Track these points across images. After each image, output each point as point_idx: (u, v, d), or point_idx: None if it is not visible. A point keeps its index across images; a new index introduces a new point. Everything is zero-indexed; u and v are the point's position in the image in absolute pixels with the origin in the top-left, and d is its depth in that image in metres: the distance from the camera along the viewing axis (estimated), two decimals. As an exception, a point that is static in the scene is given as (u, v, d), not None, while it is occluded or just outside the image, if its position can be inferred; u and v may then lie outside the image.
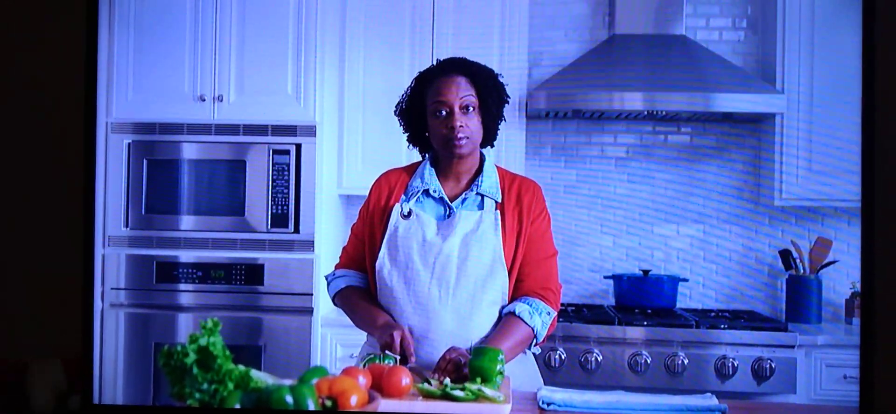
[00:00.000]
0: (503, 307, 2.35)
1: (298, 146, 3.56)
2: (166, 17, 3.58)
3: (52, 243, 3.06)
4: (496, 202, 2.38)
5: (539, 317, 2.33)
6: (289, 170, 3.56)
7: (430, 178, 2.41)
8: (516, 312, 2.31)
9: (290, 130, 3.57)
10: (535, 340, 2.35)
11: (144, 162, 3.59)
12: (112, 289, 3.58)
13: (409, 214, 2.38)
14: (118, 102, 3.60)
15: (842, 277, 3.82)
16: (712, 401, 2.14)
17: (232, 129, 3.59)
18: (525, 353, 2.39)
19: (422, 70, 2.45)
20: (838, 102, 3.55)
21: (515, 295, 2.36)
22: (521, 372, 2.34)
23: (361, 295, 2.45)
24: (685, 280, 3.91)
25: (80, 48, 3.08)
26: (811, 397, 3.41)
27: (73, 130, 3.10)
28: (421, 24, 3.72)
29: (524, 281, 2.36)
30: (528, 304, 2.33)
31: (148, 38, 3.58)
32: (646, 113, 3.79)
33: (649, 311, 3.69)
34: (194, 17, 3.58)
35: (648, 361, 3.41)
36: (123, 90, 3.60)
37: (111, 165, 3.58)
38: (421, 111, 2.40)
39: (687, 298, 3.97)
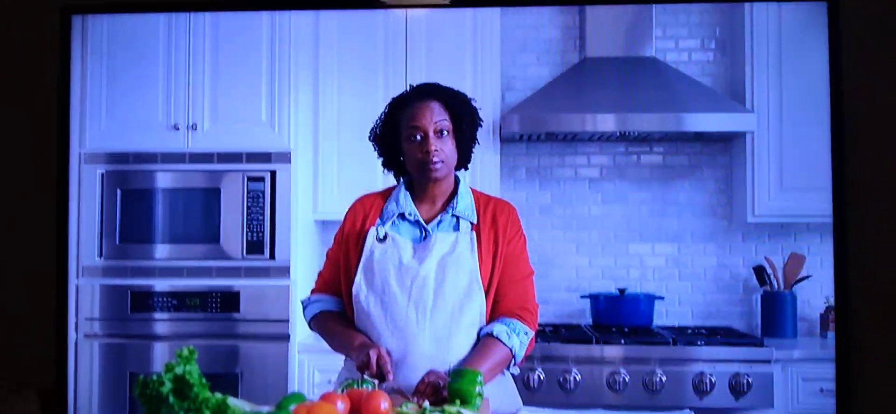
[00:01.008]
0: (481, 329, 2.35)
1: (273, 173, 3.56)
2: (139, 47, 3.57)
3: (26, 274, 3.04)
4: (472, 223, 2.39)
5: (517, 337, 2.33)
6: (264, 197, 3.55)
7: (405, 201, 2.42)
8: (494, 333, 2.32)
9: (264, 157, 3.56)
10: (513, 361, 2.36)
11: (118, 192, 3.57)
12: (86, 319, 3.54)
13: (385, 237, 2.38)
14: (91, 133, 3.57)
15: (816, 292, 3.81)
16: (691, 417, 2.15)
17: (206, 157, 3.57)
18: (503, 373, 2.39)
19: (395, 96, 2.46)
20: (807, 119, 3.56)
21: (493, 316, 2.37)
22: (499, 393, 2.34)
23: (337, 319, 2.44)
24: (661, 298, 3.93)
25: (52, 79, 3.08)
26: (788, 411, 3.42)
27: (46, 162, 3.09)
28: (394, 50, 3.72)
29: (501, 302, 2.37)
30: (505, 324, 2.34)
31: (121, 67, 3.56)
32: (618, 134, 3.82)
33: (626, 329, 3.70)
34: (167, 46, 3.57)
35: (626, 380, 3.42)
36: (96, 120, 3.57)
37: (85, 196, 3.55)
38: (395, 136, 2.42)
39: (663, 316, 3.98)
